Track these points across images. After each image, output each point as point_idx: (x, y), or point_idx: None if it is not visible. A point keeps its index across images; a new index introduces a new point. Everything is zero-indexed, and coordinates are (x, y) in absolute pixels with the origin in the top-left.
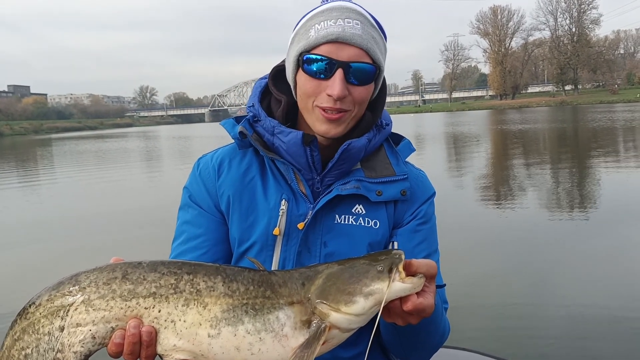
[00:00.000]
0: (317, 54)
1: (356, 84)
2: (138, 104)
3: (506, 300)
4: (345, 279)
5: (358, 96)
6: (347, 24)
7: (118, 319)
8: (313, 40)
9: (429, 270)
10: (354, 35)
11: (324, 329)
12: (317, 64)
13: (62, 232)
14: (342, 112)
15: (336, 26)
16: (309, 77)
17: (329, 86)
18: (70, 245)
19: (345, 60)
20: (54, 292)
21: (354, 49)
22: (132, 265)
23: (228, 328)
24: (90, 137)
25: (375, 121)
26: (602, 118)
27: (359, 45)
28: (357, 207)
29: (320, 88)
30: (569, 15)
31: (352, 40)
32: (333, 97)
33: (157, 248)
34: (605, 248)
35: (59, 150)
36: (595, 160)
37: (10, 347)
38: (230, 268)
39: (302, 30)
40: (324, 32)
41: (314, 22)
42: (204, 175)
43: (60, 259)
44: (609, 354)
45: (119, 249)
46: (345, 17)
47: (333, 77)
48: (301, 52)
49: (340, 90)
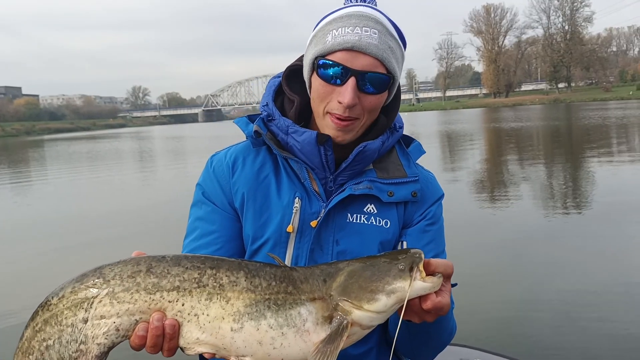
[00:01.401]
0: (332, 60)
1: (368, 92)
2: (131, 105)
3: (500, 297)
4: (367, 276)
5: (369, 105)
6: (365, 32)
7: (142, 311)
8: (329, 46)
9: (446, 270)
10: (369, 44)
11: (346, 325)
12: (331, 69)
13: (50, 232)
14: (350, 119)
15: (353, 34)
16: (323, 81)
17: (340, 93)
18: (54, 245)
19: (359, 69)
20: (78, 285)
21: (369, 58)
22: (156, 259)
23: (251, 322)
24: (82, 138)
25: (390, 124)
26: (595, 116)
27: (374, 55)
28: (369, 206)
29: (332, 94)
30: (561, 13)
31: (367, 49)
32: (343, 105)
33: (153, 246)
34: (600, 244)
35: (50, 152)
36: (588, 157)
37: (30, 338)
38: (252, 263)
39: (320, 33)
40: (340, 39)
41: (332, 27)
42: (218, 172)
43: (45, 259)
44: (603, 349)
45: (111, 248)
46: (364, 25)
47: (345, 85)
48: (317, 55)
49: (351, 99)
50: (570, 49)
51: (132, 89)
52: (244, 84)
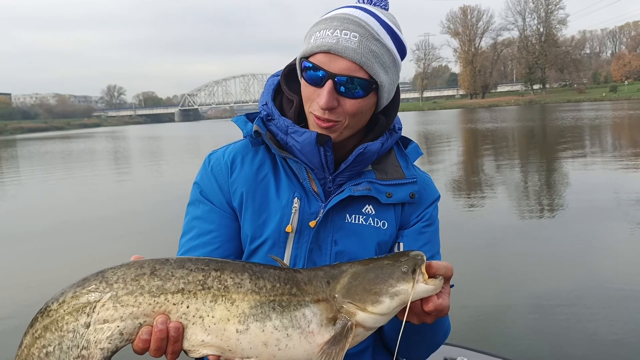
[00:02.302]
0: (312, 62)
1: (347, 96)
2: (106, 104)
3: (478, 296)
4: (371, 279)
5: (349, 108)
6: (344, 36)
7: (146, 314)
8: (310, 48)
9: (447, 272)
10: (346, 48)
11: (350, 327)
12: (311, 71)
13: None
14: (331, 122)
15: (332, 37)
16: (306, 82)
17: (318, 95)
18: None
19: (336, 72)
20: (79, 289)
21: (346, 62)
22: (160, 261)
23: (256, 324)
24: (56, 137)
25: (389, 126)
26: (569, 117)
27: (351, 59)
28: (367, 207)
29: (314, 95)
30: (536, 16)
31: (344, 53)
32: (320, 106)
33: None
34: (572, 243)
35: (23, 151)
36: (562, 157)
37: (30, 346)
38: (256, 265)
39: (308, 34)
40: (319, 41)
41: (317, 28)
42: (216, 171)
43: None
44: (577, 345)
45: (76, 251)
46: (344, 28)
47: (323, 88)
48: (301, 57)
49: (326, 102)
50: (545, 51)
51: (107, 88)
52: (221, 83)
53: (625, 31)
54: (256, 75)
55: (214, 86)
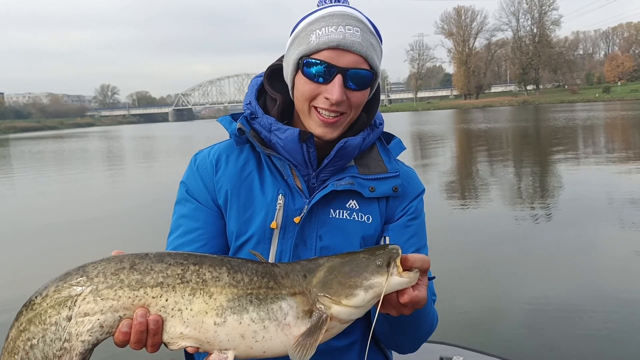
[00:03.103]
0: (318, 58)
1: (354, 89)
2: (99, 103)
3: (473, 296)
4: (346, 272)
5: (355, 101)
6: (348, 31)
7: (126, 308)
8: (314, 45)
9: (423, 265)
10: (354, 42)
11: (325, 319)
12: (317, 68)
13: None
14: (338, 115)
15: (337, 33)
16: (308, 80)
17: (327, 90)
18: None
19: (345, 66)
20: (61, 283)
21: (353, 56)
22: (139, 256)
23: (233, 316)
24: (49, 137)
25: (370, 121)
26: (562, 117)
27: (358, 52)
28: (351, 202)
29: (318, 91)
30: (530, 16)
31: (352, 47)
32: (331, 101)
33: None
34: (565, 244)
35: (16, 151)
36: (555, 158)
37: (15, 338)
38: (234, 259)
39: (303, 34)
40: (325, 38)
41: (315, 27)
42: (202, 170)
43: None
44: (568, 345)
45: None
46: (346, 24)
47: (332, 82)
48: (302, 55)
49: (339, 95)
50: (538, 52)
51: (100, 88)
52: (215, 83)
53: (619, 32)
54: (250, 75)
55: (208, 86)
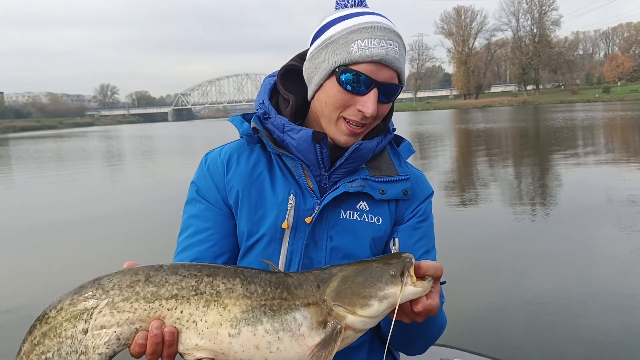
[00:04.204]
0: (358, 70)
1: (384, 102)
2: (99, 103)
3: (473, 297)
4: (360, 282)
5: (382, 112)
6: (389, 46)
7: (142, 320)
8: (357, 57)
9: (436, 273)
10: (394, 59)
11: (340, 329)
12: (356, 79)
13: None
14: (364, 125)
15: (380, 47)
16: (343, 89)
17: (361, 102)
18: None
19: (382, 81)
20: (77, 297)
21: (390, 71)
22: (154, 268)
23: (248, 328)
24: (49, 136)
25: (386, 127)
26: (562, 117)
27: (395, 67)
28: (361, 203)
29: (351, 102)
30: (530, 16)
31: (392, 63)
32: (365, 114)
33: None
34: (564, 244)
35: (15, 150)
36: (554, 158)
37: (29, 353)
38: (247, 270)
39: (342, 41)
40: (368, 51)
41: (357, 37)
42: (212, 170)
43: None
44: (571, 347)
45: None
46: (388, 38)
47: (368, 95)
48: (340, 64)
49: (374, 109)
50: (538, 52)
51: (100, 87)
52: (214, 83)
53: (619, 32)
54: (250, 75)
55: (208, 86)
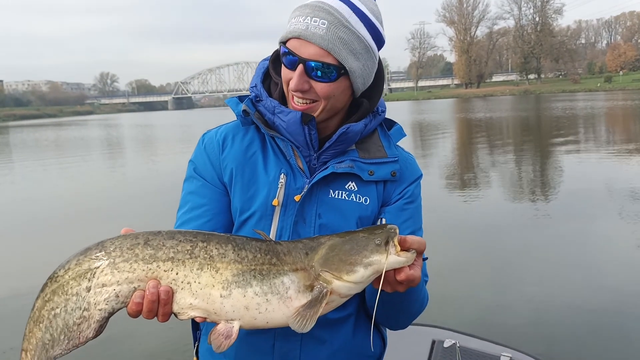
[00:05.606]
0: (287, 47)
1: (317, 79)
2: (99, 91)
3: (470, 288)
4: (347, 250)
5: (321, 91)
6: (313, 23)
7: (140, 279)
8: (285, 33)
9: (419, 247)
10: (314, 35)
11: (325, 293)
12: (286, 56)
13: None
14: (310, 103)
15: (302, 24)
16: (284, 66)
17: (292, 77)
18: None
19: (305, 57)
20: (82, 257)
21: (314, 48)
22: (153, 233)
23: (238, 290)
24: (48, 124)
25: (373, 108)
26: (563, 107)
27: (319, 44)
28: (350, 184)
29: (290, 77)
30: (532, 5)
31: (312, 39)
32: (291, 87)
33: None
34: (567, 237)
35: (15, 139)
36: (556, 148)
37: (40, 308)
38: (239, 238)
39: (289, 20)
40: (292, 27)
41: (293, 15)
42: (209, 149)
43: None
44: (568, 339)
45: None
46: (314, 15)
47: (295, 71)
48: (280, 41)
49: (296, 84)
50: (540, 41)
51: (99, 76)
52: (214, 71)
53: (621, 21)
54: (250, 64)
55: (208, 74)
